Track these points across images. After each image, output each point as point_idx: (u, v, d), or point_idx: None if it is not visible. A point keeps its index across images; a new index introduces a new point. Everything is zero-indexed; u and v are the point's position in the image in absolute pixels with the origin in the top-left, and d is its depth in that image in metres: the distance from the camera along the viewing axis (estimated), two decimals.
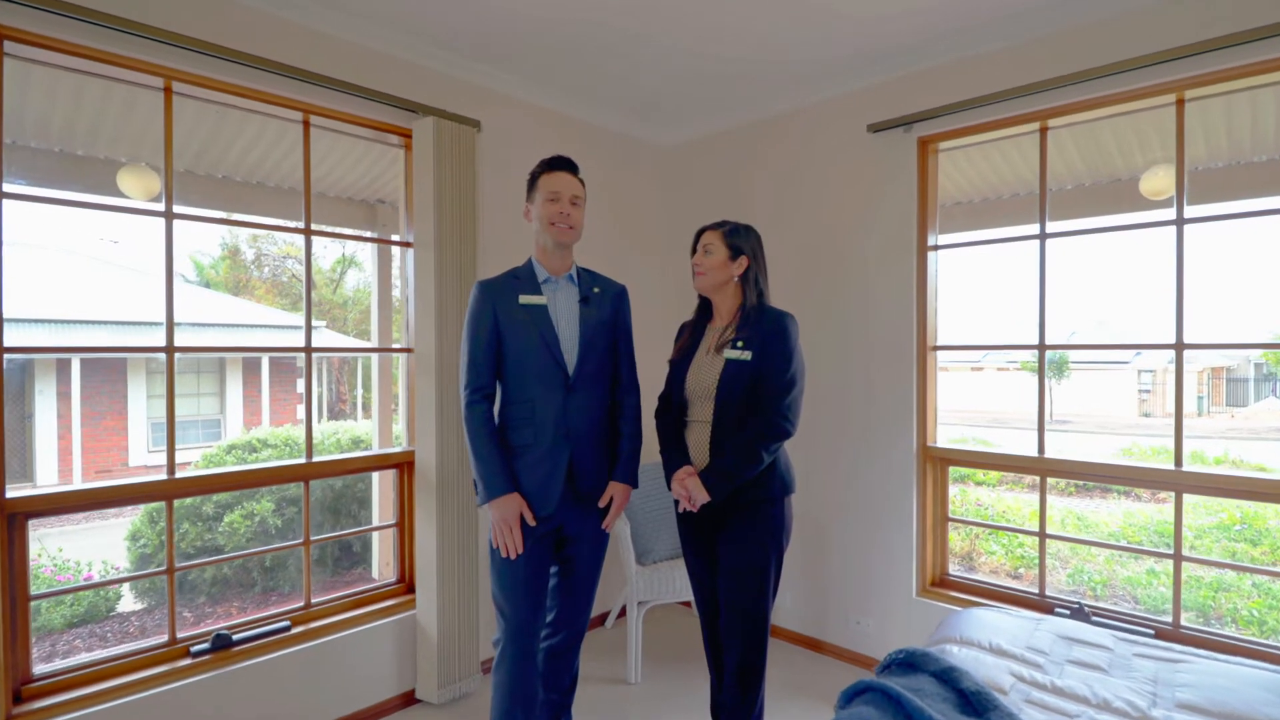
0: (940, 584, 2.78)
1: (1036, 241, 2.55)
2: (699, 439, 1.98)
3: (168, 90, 2.17)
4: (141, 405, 9.60)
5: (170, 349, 2.18)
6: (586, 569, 2.03)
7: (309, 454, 2.48)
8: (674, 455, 2.02)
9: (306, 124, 2.47)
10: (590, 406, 1.95)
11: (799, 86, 2.98)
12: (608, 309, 2.02)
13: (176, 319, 2.16)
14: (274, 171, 2.79)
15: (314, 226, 2.50)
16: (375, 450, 2.81)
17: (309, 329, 2.49)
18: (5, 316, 1.91)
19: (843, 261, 2.95)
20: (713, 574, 2.05)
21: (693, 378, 2.01)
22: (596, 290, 2.03)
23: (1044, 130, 2.53)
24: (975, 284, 2.90)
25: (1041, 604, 2.54)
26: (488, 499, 1.85)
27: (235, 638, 2.27)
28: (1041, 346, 2.54)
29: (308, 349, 2.49)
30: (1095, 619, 2.40)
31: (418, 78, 2.63)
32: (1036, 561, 4.69)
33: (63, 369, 8.94)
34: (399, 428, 2.87)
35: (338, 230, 2.65)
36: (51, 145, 2.62)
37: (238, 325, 9.49)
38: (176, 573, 2.22)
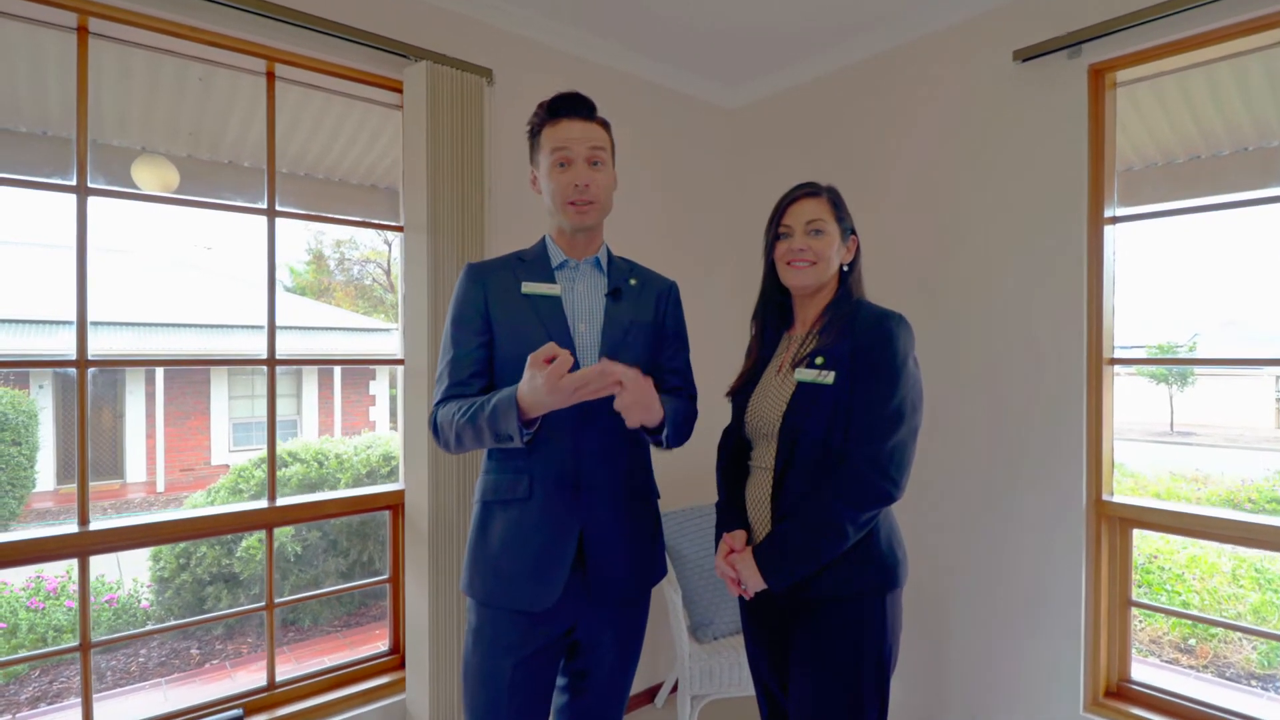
0: (1119, 694, 1.97)
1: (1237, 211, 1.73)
2: (759, 492, 1.36)
3: (82, 29, 1.69)
4: (224, 405, 9.81)
5: (82, 363, 1.69)
6: (608, 688, 1.38)
7: (271, 496, 1.96)
8: (726, 513, 1.41)
9: (270, 75, 1.94)
10: (614, 446, 1.31)
11: (915, 8, 2.24)
12: (647, 309, 1.38)
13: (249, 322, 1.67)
14: (299, 159, 2.31)
15: (327, 215, 2.00)
16: (377, 488, 2.27)
17: (272, 335, 1.97)
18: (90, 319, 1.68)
19: (976, 241, 2.18)
20: (784, 681, 1.39)
21: (754, 407, 1.39)
22: (634, 283, 1.39)
23: None
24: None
25: None
26: (514, 402, 1.14)
27: None
28: None
29: (270, 360, 1.97)
30: None
31: (410, 13, 2.06)
32: (1211, 631, 3.64)
33: (149, 370, 9.24)
34: None
35: (309, 213, 2.12)
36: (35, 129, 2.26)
37: (317, 329, 9.52)
38: (94, 650, 1.73)
